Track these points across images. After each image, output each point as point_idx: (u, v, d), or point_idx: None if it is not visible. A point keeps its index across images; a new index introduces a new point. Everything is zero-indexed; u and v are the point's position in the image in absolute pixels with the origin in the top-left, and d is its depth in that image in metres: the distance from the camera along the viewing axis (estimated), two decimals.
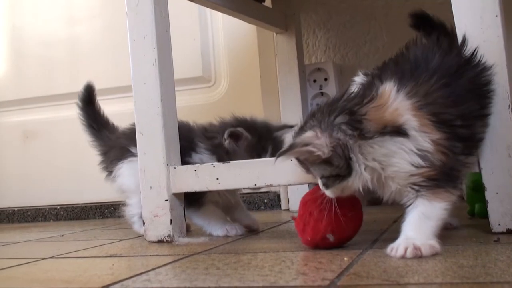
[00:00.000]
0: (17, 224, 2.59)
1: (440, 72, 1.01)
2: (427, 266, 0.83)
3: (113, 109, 2.45)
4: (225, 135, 1.42)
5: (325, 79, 2.14)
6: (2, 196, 2.69)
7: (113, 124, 1.75)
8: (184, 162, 1.42)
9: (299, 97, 2.02)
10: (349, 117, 0.96)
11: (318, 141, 0.95)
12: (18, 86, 2.72)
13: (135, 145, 1.43)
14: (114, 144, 1.63)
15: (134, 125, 1.50)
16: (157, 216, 1.36)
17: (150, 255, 1.19)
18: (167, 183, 1.36)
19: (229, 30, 2.38)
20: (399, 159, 0.94)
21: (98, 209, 2.50)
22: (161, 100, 1.37)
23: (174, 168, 1.36)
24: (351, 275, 0.80)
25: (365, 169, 0.96)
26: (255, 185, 1.28)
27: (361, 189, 0.99)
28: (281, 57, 2.07)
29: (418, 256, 0.89)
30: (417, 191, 0.96)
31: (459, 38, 1.10)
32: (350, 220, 1.04)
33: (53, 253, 1.32)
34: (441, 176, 0.95)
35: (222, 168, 1.31)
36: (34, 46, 2.70)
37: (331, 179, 0.99)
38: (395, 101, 0.96)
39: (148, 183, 1.38)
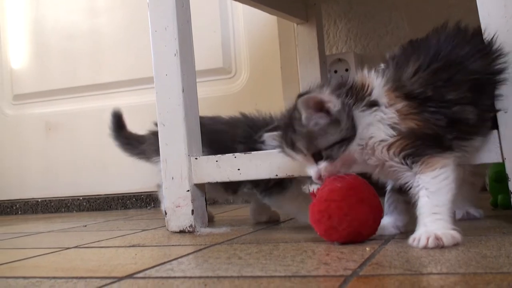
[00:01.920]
0: (41, 214, 2.62)
1: (435, 58, 1.02)
2: (449, 256, 0.83)
3: (134, 101, 2.48)
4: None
5: (346, 70, 2.13)
6: (26, 187, 2.72)
7: (146, 135, 1.75)
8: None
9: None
10: (345, 87, 1.03)
11: (328, 95, 1.00)
12: (41, 78, 2.75)
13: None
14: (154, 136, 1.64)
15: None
16: (179, 206, 1.37)
17: (172, 245, 1.20)
18: (189, 173, 1.36)
19: (250, 21, 2.37)
20: (375, 129, 0.99)
21: (120, 200, 2.52)
22: (183, 91, 1.37)
23: (196, 158, 1.37)
24: (373, 265, 0.80)
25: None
26: (277, 175, 1.28)
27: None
28: (302, 47, 2.07)
29: (440, 246, 0.89)
30: (409, 166, 0.98)
31: (482, 27, 1.09)
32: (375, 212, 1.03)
33: (77, 243, 1.34)
34: (420, 145, 0.97)
35: (244, 159, 1.32)
36: (56, 38, 2.72)
37: (336, 148, 1.00)
38: (370, 81, 1.03)
39: (170, 174, 1.39)
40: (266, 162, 1.28)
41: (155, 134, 1.59)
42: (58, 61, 2.72)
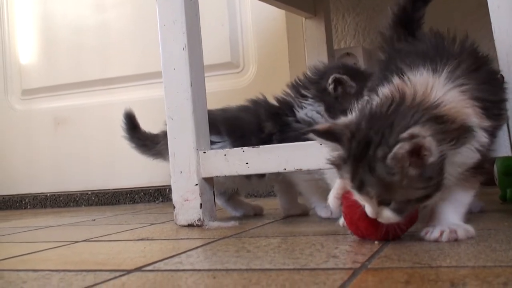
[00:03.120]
0: (50, 209, 2.63)
1: (465, 56, 0.97)
2: (459, 250, 0.82)
3: (142, 95, 2.49)
4: (330, 80, 1.41)
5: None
6: (35, 182, 2.74)
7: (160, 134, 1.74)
8: (285, 123, 1.44)
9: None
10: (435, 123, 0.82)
11: (429, 139, 0.79)
12: (49, 72, 2.76)
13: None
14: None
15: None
16: (187, 200, 1.38)
17: (181, 239, 1.20)
18: (197, 167, 1.37)
19: (258, 15, 2.37)
20: (468, 158, 0.87)
21: (128, 195, 2.53)
22: (191, 85, 1.38)
23: (204, 152, 1.37)
24: (382, 258, 0.80)
25: None
26: (285, 169, 1.28)
27: None
28: (310, 42, 2.07)
29: (454, 239, 0.89)
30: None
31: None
32: None
33: (86, 237, 1.34)
34: (482, 165, 0.91)
35: (252, 153, 1.32)
36: (64, 33, 2.73)
37: (412, 203, 0.85)
38: (447, 95, 0.86)
39: (178, 168, 1.39)
40: (274, 156, 1.28)
41: None
42: (66, 56, 2.72)
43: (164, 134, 1.62)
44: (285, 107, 1.49)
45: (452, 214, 0.93)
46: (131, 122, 1.74)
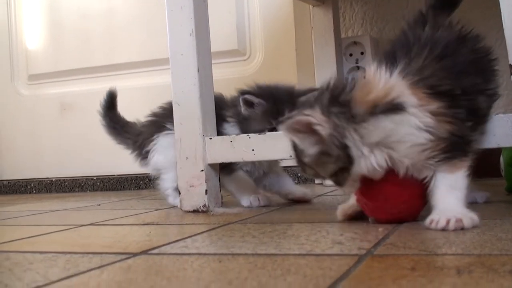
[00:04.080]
0: (55, 194, 2.64)
1: (433, 45, 0.99)
2: (464, 238, 0.82)
3: (149, 82, 2.49)
4: (240, 102, 1.45)
5: (362, 53, 2.12)
6: (41, 167, 2.74)
7: (133, 122, 1.77)
8: (218, 133, 1.44)
9: (334, 71, 2.00)
10: (338, 104, 0.92)
11: (319, 116, 0.91)
12: (55, 58, 2.76)
13: (169, 120, 1.47)
14: (144, 127, 1.68)
15: (164, 105, 1.60)
16: (193, 186, 1.38)
17: (186, 224, 1.21)
18: (203, 153, 1.37)
19: (265, 2, 2.36)
20: (405, 135, 0.91)
21: (133, 180, 2.54)
22: (198, 70, 1.37)
23: (210, 138, 1.37)
24: (387, 245, 0.80)
25: (370, 152, 0.92)
26: (291, 156, 1.28)
27: (379, 169, 0.94)
28: (317, 30, 2.06)
29: (460, 227, 0.89)
30: (434, 166, 0.94)
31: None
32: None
33: (92, 221, 1.35)
34: (452, 147, 0.93)
35: (258, 139, 1.32)
36: (71, 19, 2.72)
37: (339, 174, 0.94)
38: (383, 80, 0.93)
39: (184, 154, 1.39)
40: (280, 143, 1.28)
41: (145, 126, 1.65)
42: (73, 42, 2.72)
43: (141, 126, 1.66)
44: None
45: (453, 201, 0.93)
46: (110, 101, 1.78)
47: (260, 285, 0.61)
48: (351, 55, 2.13)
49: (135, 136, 1.70)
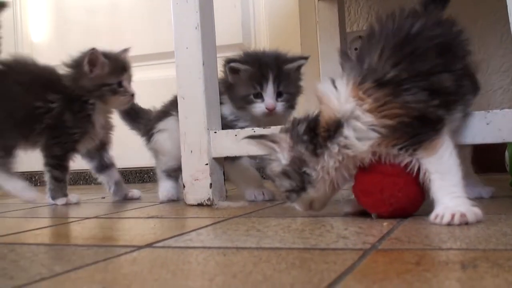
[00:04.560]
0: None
1: (394, 34, 1.01)
2: (469, 233, 0.82)
3: (154, 75, 2.49)
4: (227, 71, 1.48)
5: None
6: None
7: (148, 109, 1.80)
8: None
9: (339, 65, 2.00)
10: (310, 133, 0.99)
11: (285, 144, 0.99)
12: (61, 51, 2.72)
13: (176, 108, 1.47)
14: (155, 114, 1.70)
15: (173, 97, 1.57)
16: (197, 180, 1.38)
17: (191, 217, 1.21)
18: (208, 147, 1.37)
19: None
20: (358, 141, 0.95)
21: (137, 174, 2.54)
22: (203, 64, 1.37)
23: (215, 132, 1.37)
24: (392, 240, 0.80)
25: (332, 172, 0.98)
26: None
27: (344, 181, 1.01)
28: (323, 24, 2.05)
29: (465, 222, 0.89)
30: (409, 155, 0.95)
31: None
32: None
33: (96, 213, 1.35)
34: (416, 130, 0.94)
35: (263, 133, 1.31)
36: (77, 12, 2.72)
37: (292, 193, 1.02)
38: (332, 98, 0.98)
39: (189, 147, 1.39)
40: None
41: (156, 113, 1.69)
42: (78, 35, 2.72)
43: (154, 114, 1.70)
44: None
45: (453, 195, 0.93)
46: None
47: (265, 279, 0.61)
48: (356, 49, 2.13)
49: (147, 121, 1.73)
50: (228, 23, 2.35)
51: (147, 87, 2.43)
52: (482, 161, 1.30)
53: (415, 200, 1.00)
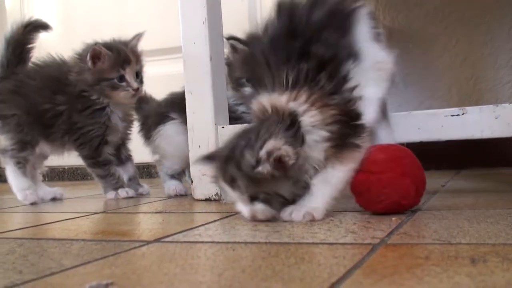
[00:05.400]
0: (67, 181, 2.66)
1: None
2: (478, 228, 0.82)
3: (160, 71, 2.48)
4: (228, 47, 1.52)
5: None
6: None
7: (150, 96, 1.81)
8: None
9: None
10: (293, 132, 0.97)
11: (285, 147, 0.93)
12: (67, 48, 2.74)
13: (174, 111, 1.54)
14: (153, 112, 1.70)
15: (172, 94, 1.63)
16: (205, 175, 1.38)
17: (199, 212, 1.21)
18: (216, 142, 1.37)
19: None
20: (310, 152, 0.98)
21: (145, 169, 2.55)
22: (210, 59, 1.37)
23: (223, 127, 1.37)
24: (401, 234, 0.80)
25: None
26: None
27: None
28: None
29: (311, 219, 0.95)
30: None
31: None
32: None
33: (104, 209, 1.36)
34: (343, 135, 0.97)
35: None
36: (83, 8, 2.73)
37: (280, 200, 0.97)
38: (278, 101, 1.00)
39: (197, 142, 1.39)
40: None
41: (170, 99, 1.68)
42: (84, 31, 2.72)
43: (162, 100, 1.72)
44: None
45: (313, 196, 0.98)
46: None
47: (274, 273, 0.61)
48: None
49: (144, 117, 1.73)
50: (235, 17, 2.34)
51: (154, 82, 2.43)
52: (491, 155, 1.30)
53: (406, 193, 0.98)
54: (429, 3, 2.11)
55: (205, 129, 1.38)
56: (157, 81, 2.34)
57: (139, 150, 2.36)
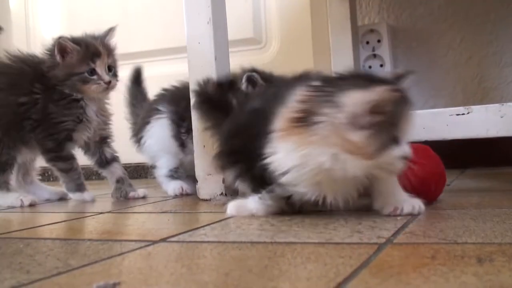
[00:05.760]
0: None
1: None
2: (484, 227, 0.82)
3: (165, 70, 2.49)
4: (244, 79, 1.44)
5: (378, 41, 2.11)
6: None
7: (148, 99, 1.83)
8: None
9: (351, 58, 1.99)
10: None
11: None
12: None
13: (162, 102, 1.57)
14: (142, 110, 1.73)
15: (164, 89, 1.70)
16: (210, 174, 1.38)
17: (204, 212, 1.21)
18: None
19: None
20: None
21: (150, 169, 2.55)
22: (215, 59, 1.37)
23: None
24: (407, 234, 0.80)
25: None
26: None
27: None
28: (334, 17, 2.05)
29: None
30: None
31: None
32: None
33: (110, 208, 1.36)
34: None
35: None
36: (87, 8, 2.73)
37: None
38: None
39: (201, 142, 1.39)
40: None
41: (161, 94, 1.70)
42: (87, 29, 2.72)
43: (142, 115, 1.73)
44: None
45: None
46: (137, 76, 1.88)
47: (281, 273, 0.61)
48: (367, 43, 2.12)
49: (136, 118, 1.78)
50: (239, 17, 2.35)
51: (159, 82, 2.44)
52: (496, 154, 1.29)
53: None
54: (434, 2, 2.11)
55: None
56: (162, 81, 2.34)
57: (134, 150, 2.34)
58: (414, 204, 0.96)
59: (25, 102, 1.54)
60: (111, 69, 1.59)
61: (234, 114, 1.17)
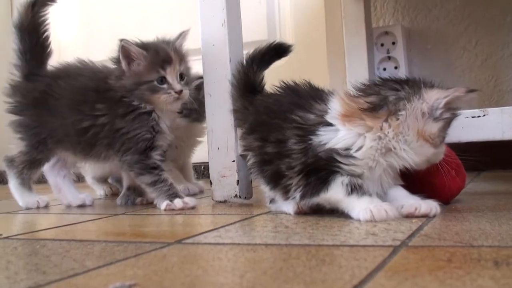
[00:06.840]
0: (84, 183, 2.67)
1: None
2: (500, 230, 0.81)
3: None
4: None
5: (393, 43, 2.10)
6: None
7: None
8: None
9: (365, 61, 1.99)
10: None
11: None
12: (88, 48, 2.78)
13: None
14: None
15: None
16: (224, 176, 1.38)
17: (218, 214, 1.21)
18: (235, 144, 1.37)
19: None
20: None
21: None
22: (230, 61, 1.38)
23: (242, 129, 1.37)
24: (422, 237, 0.80)
25: None
26: None
27: None
28: (348, 19, 2.04)
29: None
30: None
31: None
32: None
33: (124, 210, 1.36)
34: None
35: None
36: (104, 10, 2.75)
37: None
38: None
39: (216, 144, 1.40)
40: None
41: None
42: (104, 33, 2.74)
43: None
44: None
45: None
46: None
47: (296, 275, 0.61)
48: (382, 45, 2.12)
49: None
50: (253, 19, 2.35)
51: None
52: (505, 157, 1.29)
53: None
54: (449, 4, 2.10)
55: (224, 131, 1.38)
56: None
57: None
58: (431, 205, 0.98)
59: (89, 127, 1.42)
60: (183, 77, 1.41)
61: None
